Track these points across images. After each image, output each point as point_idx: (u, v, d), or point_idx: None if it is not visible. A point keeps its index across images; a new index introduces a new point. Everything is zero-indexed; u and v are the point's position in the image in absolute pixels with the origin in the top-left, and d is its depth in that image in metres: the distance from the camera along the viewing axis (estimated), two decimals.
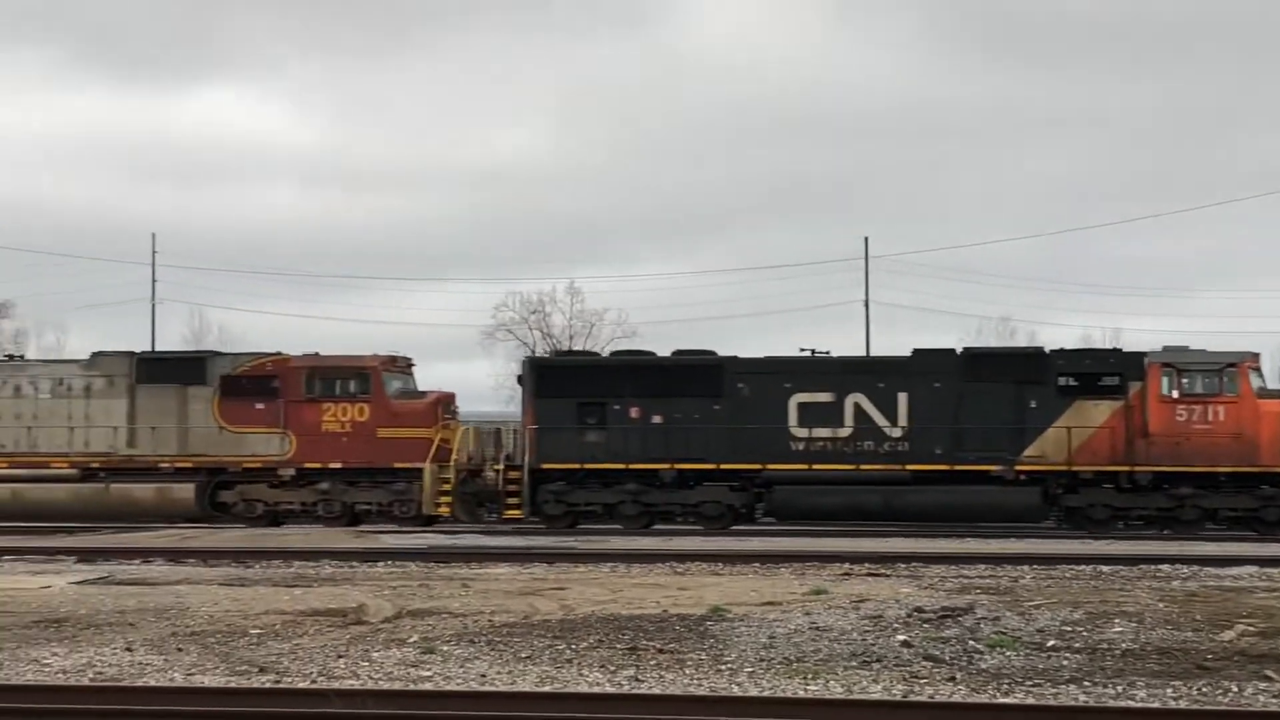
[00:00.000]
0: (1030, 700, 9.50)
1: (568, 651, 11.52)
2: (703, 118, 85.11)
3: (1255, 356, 25.38)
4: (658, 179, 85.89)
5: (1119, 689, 9.96)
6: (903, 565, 18.76)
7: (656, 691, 9.90)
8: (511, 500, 25.57)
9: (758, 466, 24.74)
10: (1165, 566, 18.38)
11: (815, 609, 13.65)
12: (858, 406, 24.58)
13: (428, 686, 9.97)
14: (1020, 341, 48.56)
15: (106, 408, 26.41)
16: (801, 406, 24.72)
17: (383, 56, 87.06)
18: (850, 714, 8.90)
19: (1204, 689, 9.93)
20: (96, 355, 27.80)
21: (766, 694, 9.81)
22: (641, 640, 12.02)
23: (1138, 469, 23.64)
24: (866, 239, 49.47)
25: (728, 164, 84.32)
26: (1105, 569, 18.18)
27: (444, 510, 25.93)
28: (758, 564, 19.35)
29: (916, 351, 26.67)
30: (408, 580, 17.01)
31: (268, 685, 9.82)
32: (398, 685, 9.99)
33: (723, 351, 27.03)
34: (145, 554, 20.87)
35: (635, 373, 25.92)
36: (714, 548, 22.35)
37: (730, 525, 25.04)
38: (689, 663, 11.06)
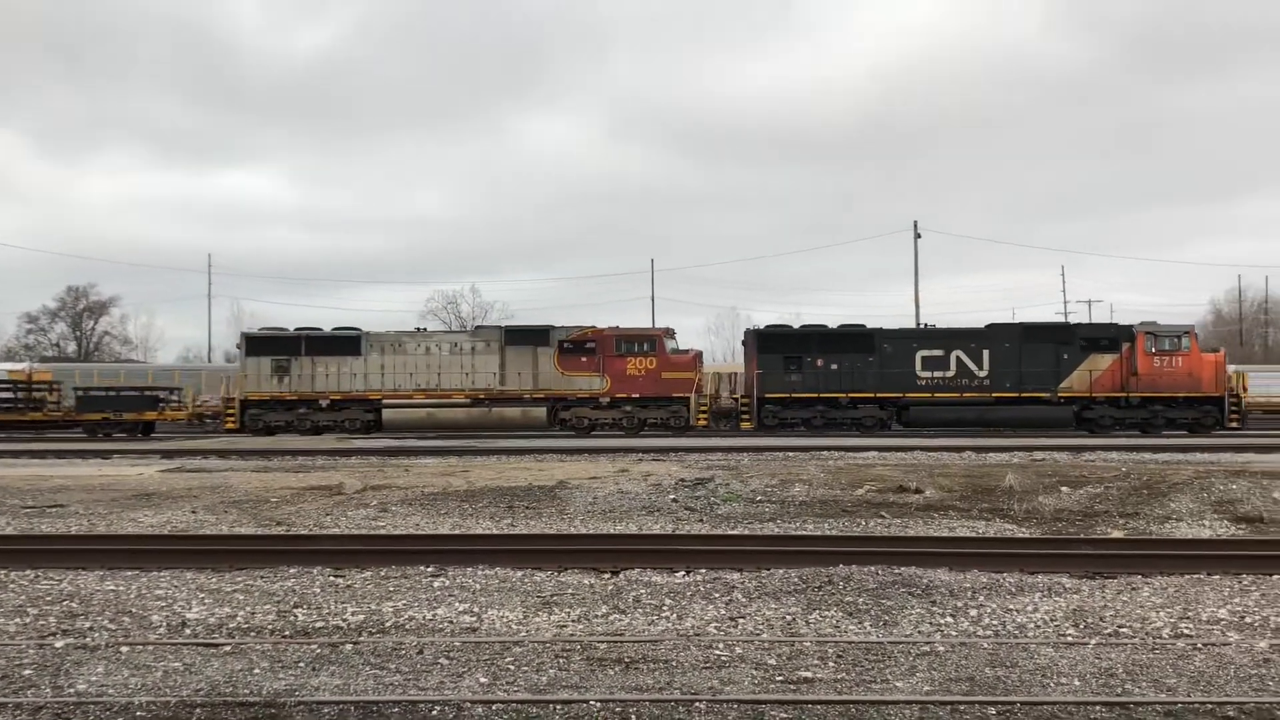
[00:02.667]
0: (745, 531, 15.07)
1: (469, 509, 16.96)
2: (538, 191, 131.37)
3: (1192, 328, 38.20)
4: (513, 225, 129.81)
5: (798, 524, 15.71)
6: (674, 454, 25.75)
7: (524, 532, 15.14)
8: (744, 417, 36.87)
9: (898, 394, 36.28)
10: (825, 452, 25.84)
11: (621, 480, 18.55)
12: (958, 358, 36.34)
13: (382, 531, 15.17)
14: (743, 321, 72.10)
15: (486, 361, 37.36)
16: (923, 358, 36.37)
17: (340, 155, 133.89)
18: (640, 543, 13.41)
19: (845, 523, 15.78)
20: (479, 328, 39.21)
21: (591, 532, 14.98)
22: (515, 501, 17.45)
23: (1130, 395, 35.80)
24: (653, 260, 67.70)
25: (555, 218, 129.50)
26: (791, 454, 24.80)
27: (702, 422, 36.90)
28: (587, 455, 26.11)
29: (990, 325, 38.06)
30: (370, 467, 23.21)
31: (281, 533, 15.09)
32: (364, 530, 15.20)
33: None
34: (203, 453, 27.57)
35: (819, 338, 37.07)
36: (561, 446, 29.37)
37: (879, 431, 35.77)
38: (544, 514, 16.62)
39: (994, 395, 35.89)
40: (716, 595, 10.34)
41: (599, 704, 6.79)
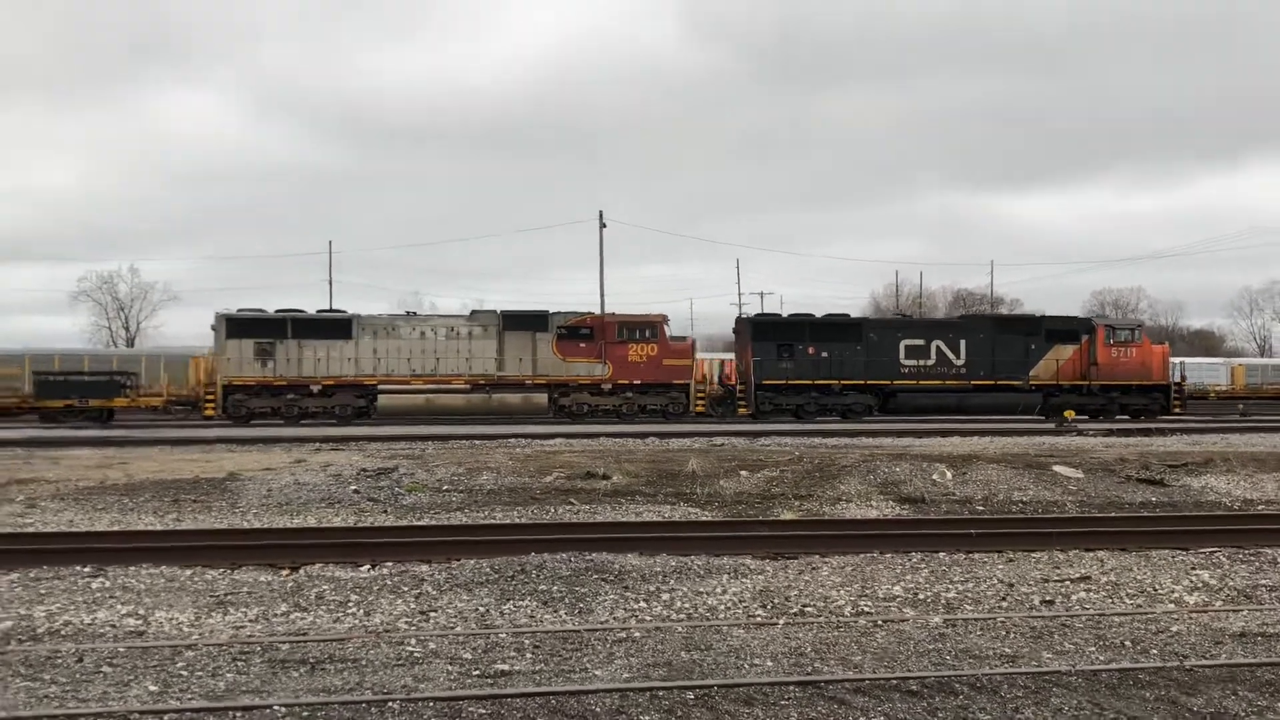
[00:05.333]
0: (432, 522, 14.72)
1: (130, 504, 15.79)
2: (190, 169, 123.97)
3: (1143, 322, 43.02)
4: (166, 204, 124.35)
5: (486, 513, 15.54)
6: (355, 443, 24.63)
7: (191, 528, 14.33)
8: (741, 403, 37.50)
9: (885, 382, 37.88)
10: (513, 440, 25.28)
11: (298, 471, 17.70)
12: (938, 347, 38.21)
13: (31, 529, 13.82)
14: (426, 305, 73.45)
15: (483, 346, 36.75)
16: (906, 347, 38.11)
17: None
18: (321, 536, 12.87)
19: (535, 510, 15.75)
20: (475, 312, 39.12)
21: (264, 526, 14.22)
22: (181, 495, 16.37)
23: (1091, 382, 38.60)
24: (330, 241, 71.30)
25: (215, 197, 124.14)
26: (478, 442, 24.51)
27: (699, 409, 37.43)
28: (260, 445, 24.69)
29: (965, 317, 43.83)
30: (15, 459, 20.73)
31: None
32: (7, 530, 13.83)
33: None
34: None
35: (810, 326, 38.32)
36: (233, 435, 27.67)
37: (866, 417, 37.12)
38: (214, 508, 15.66)
39: (971, 383, 38.26)
40: (405, 589, 9.97)
41: (284, 708, 6.33)
